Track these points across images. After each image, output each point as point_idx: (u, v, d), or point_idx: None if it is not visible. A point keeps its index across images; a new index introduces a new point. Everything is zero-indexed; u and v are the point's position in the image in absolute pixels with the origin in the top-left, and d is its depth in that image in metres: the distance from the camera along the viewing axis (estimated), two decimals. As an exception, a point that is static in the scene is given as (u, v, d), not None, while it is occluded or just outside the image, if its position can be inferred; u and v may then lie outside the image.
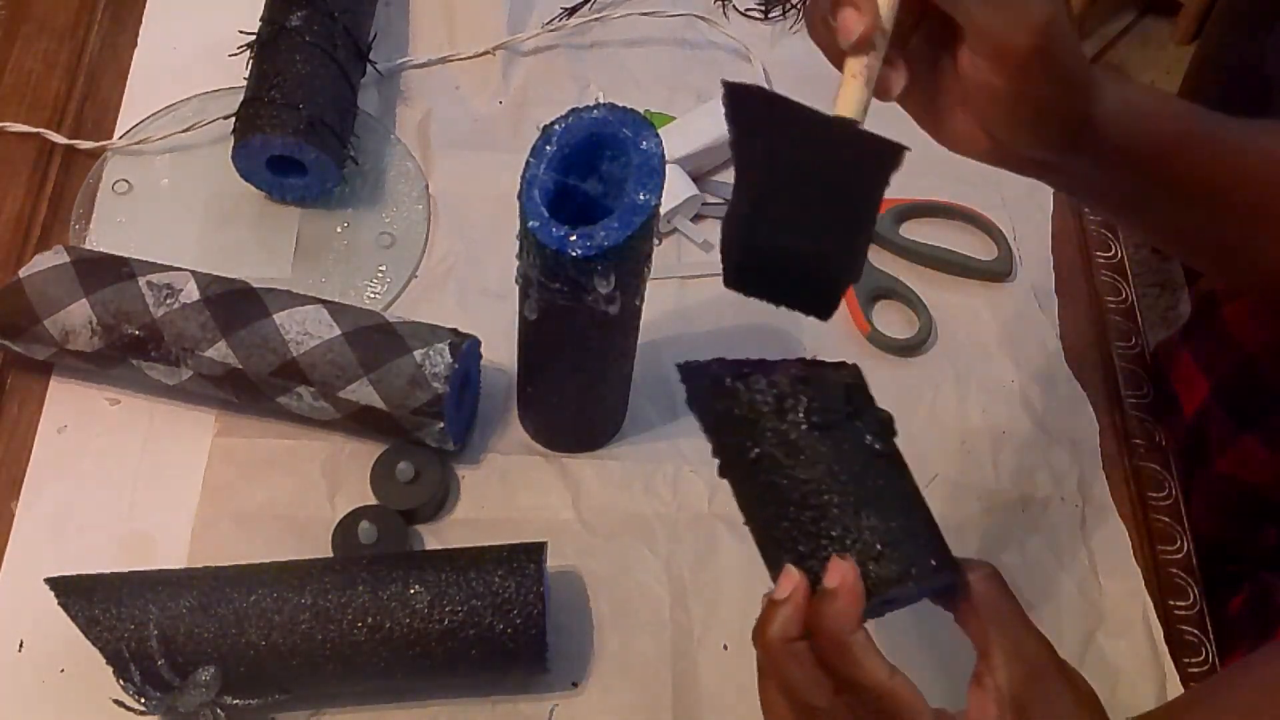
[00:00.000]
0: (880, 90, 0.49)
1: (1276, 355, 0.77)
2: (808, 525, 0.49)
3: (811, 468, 0.49)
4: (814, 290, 0.49)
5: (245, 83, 0.80)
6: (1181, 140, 0.55)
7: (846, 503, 0.49)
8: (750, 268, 0.48)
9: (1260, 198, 0.57)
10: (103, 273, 0.70)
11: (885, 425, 0.52)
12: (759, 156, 0.46)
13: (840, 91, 0.48)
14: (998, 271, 0.83)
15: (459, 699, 0.66)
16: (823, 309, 0.50)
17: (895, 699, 0.47)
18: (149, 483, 0.71)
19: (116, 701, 0.61)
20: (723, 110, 0.47)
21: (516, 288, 0.63)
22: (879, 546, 0.48)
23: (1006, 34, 0.47)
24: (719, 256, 0.78)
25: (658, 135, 0.59)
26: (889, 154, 0.45)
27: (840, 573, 0.47)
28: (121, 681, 0.61)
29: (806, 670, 0.48)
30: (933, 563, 0.49)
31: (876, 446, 0.50)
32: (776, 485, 0.50)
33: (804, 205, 0.46)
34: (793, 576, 0.49)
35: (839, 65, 0.49)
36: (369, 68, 0.85)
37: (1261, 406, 0.78)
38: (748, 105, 0.45)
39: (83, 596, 0.61)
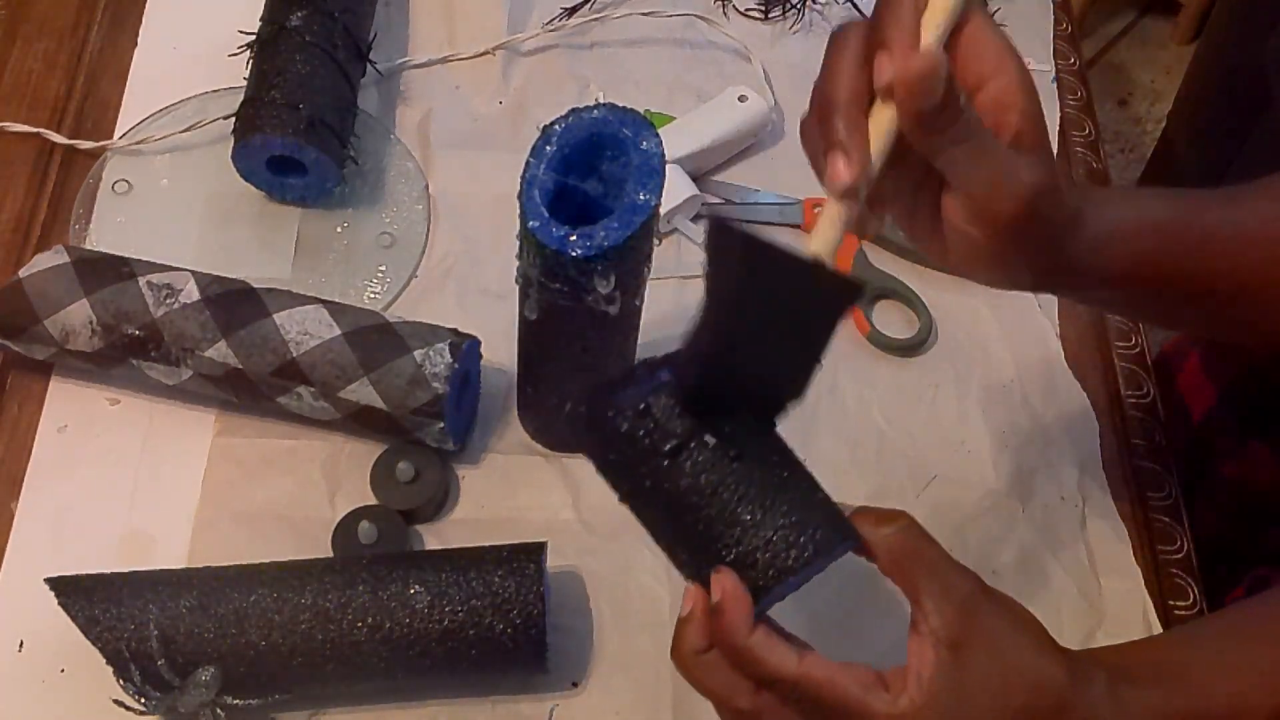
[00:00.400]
0: (857, 230, 0.49)
1: None
2: (697, 541, 0.50)
3: (682, 489, 0.49)
4: (760, 406, 0.51)
5: (245, 83, 0.80)
6: (1164, 250, 0.54)
7: (722, 510, 0.49)
8: (706, 394, 0.49)
9: (1257, 276, 0.55)
10: (103, 273, 0.70)
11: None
12: (730, 294, 0.46)
13: (816, 230, 0.48)
14: (998, 271, 0.83)
15: (459, 699, 0.66)
16: (767, 421, 0.51)
17: (808, 683, 0.47)
18: (149, 483, 0.71)
19: (116, 701, 0.61)
20: (726, 108, 0.48)
21: (516, 288, 0.63)
22: (767, 540, 0.48)
23: (992, 200, 0.47)
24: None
25: (658, 135, 0.59)
26: (851, 292, 0.46)
27: (720, 587, 0.48)
28: (121, 681, 0.61)
29: (721, 678, 0.48)
30: (824, 535, 0.49)
31: (730, 453, 0.49)
32: (662, 514, 0.51)
33: (765, 339, 0.47)
34: (690, 595, 0.49)
35: (820, 178, 0.48)
36: (369, 68, 0.86)
37: (1271, 414, 0.77)
38: (727, 244, 0.45)
39: (83, 596, 0.61)
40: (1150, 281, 0.54)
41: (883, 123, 0.46)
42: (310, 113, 0.77)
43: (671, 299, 0.80)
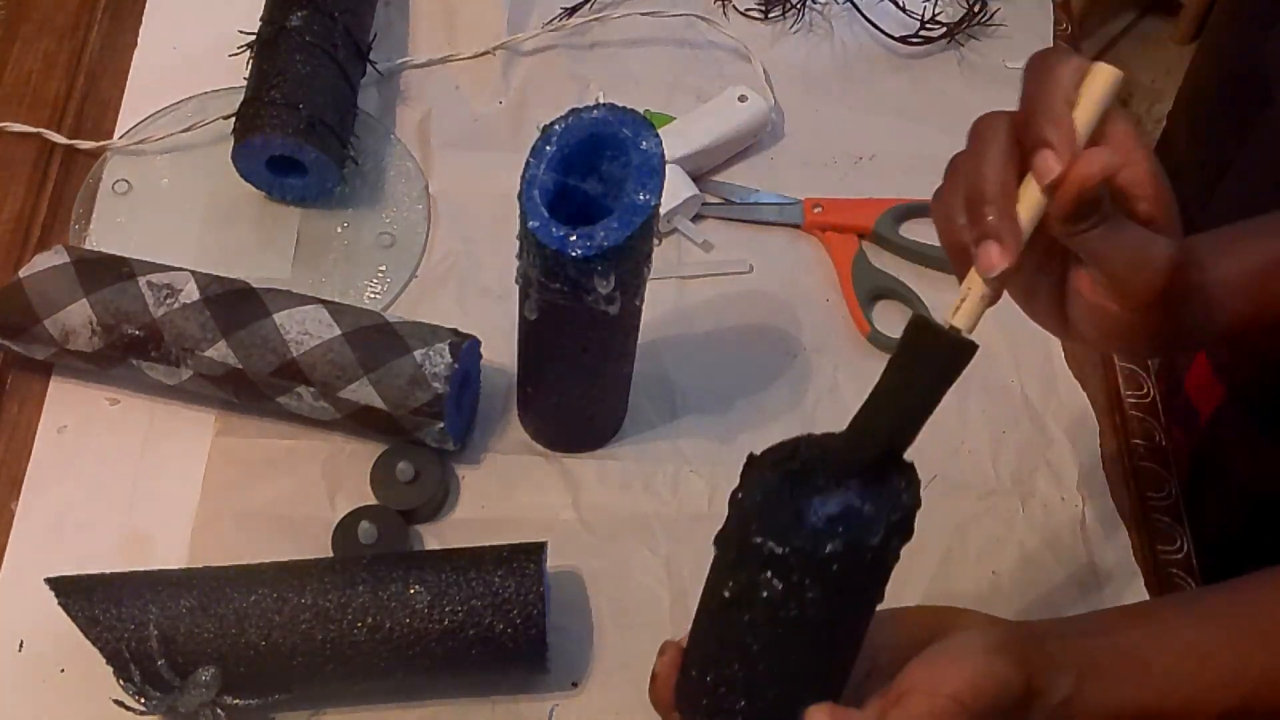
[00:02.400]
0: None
1: None
2: (720, 677, 0.51)
3: (810, 625, 0.49)
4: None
5: (245, 83, 0.80)
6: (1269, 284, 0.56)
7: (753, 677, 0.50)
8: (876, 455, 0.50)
9: None
10: (103, 273, 0.70)
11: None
12: (923, 389, 0.50)
13: (963, 308, 0.49)
14: (998, 271, 0.83)
15: (459, 699, 0.66)
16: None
17: None
18: (149, 483, 0.71)
19: (116, 701, 0.61)
20: (726, 108, 0.49)
21: (516, 288, 0.63)
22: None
23: (1133, 277, 0.49)
24: (720, 258, 0.79)
25: (658, 135, 0.59)
26: (968, 354, 0.49)
27: (660, 663, 0.53)
28: (121, 681, 0.61)
29: None
30: None
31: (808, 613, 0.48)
32: (723, 632, 0.51)
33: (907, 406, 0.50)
34: (661, 663, 0.54)
35: (951, 255, 0.51)
36: (369, 68, 0.85)
37: None
38: (930, 344, 0.49)
39: (83, 596, 0.61)
40: (1269, 321, 0.56)
41: (1030, 209, 0.48)
42: (310, 113, 0.77)
43: (671, 299, 0.80)
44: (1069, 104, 0.47)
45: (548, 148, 0.59)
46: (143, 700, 0.61)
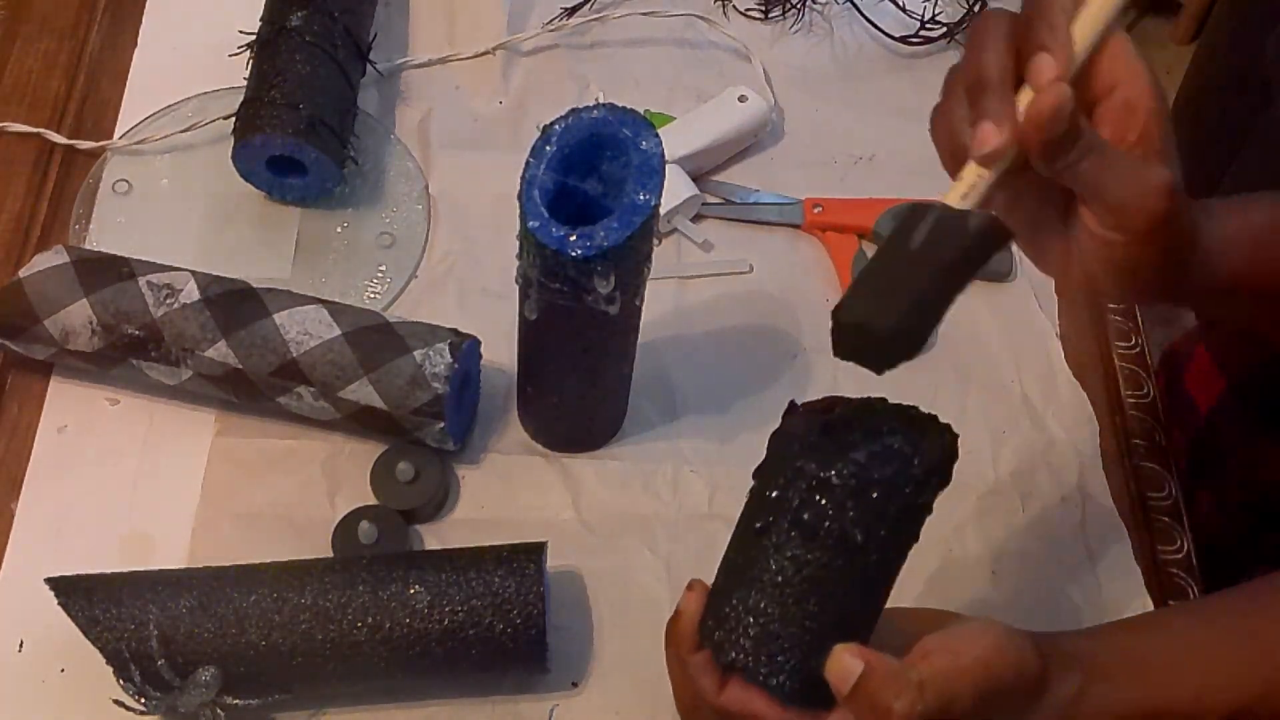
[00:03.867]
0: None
1: None
2: (751, 608, 0.52)
3: (790, 562, 0.51)
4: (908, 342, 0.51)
5: (245, 83, 0.80)
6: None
7: (818, 602, 0.51)
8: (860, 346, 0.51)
9: None
10: (103, 273, 0.70)
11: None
12: (899, 239, 0.50)
13: (952, 187, 0.50)
14: (998, 271, 0.83)
15: (459, 699, 0.66)
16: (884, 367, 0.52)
17: (729, 711, 0.51)
18: (149, 483, 0.71)
19: (116, 701, 0.61)
20: (726, 108, 0.49)
21: (516, 288, 0.63)
22: (781, 653, 0.51)
23: (1131, 202, 0.49)
24: (720, 258, 0.79)
25: (658, 135, 0.59)
26: (1002, 235, 0.50)
27: (686, 598, 0.54)
28: (121, 681, 0.61)
29: (678, 675, 0.55)
30: (797, 688, 0.51)
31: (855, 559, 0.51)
32: (754, 552, 0.52)
33: (919, 282, 0.49)
34: (688, 598, 0.55)
35: (953, 169, 0.50)
36: (369, 68, 0.85)
37: None
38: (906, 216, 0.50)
39: (83, 596, 0.61)
40: (1269, 281, 0.55)
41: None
42: (310, 113, 0.77)
43: (671, 299, 0.80)
44: (1066, 14, 0.47)
45: (548, 148, 0.59)
46: (143, 700, 0.61)
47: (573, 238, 0.57)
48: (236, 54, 0.82)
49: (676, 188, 0.82)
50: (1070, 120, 0.46)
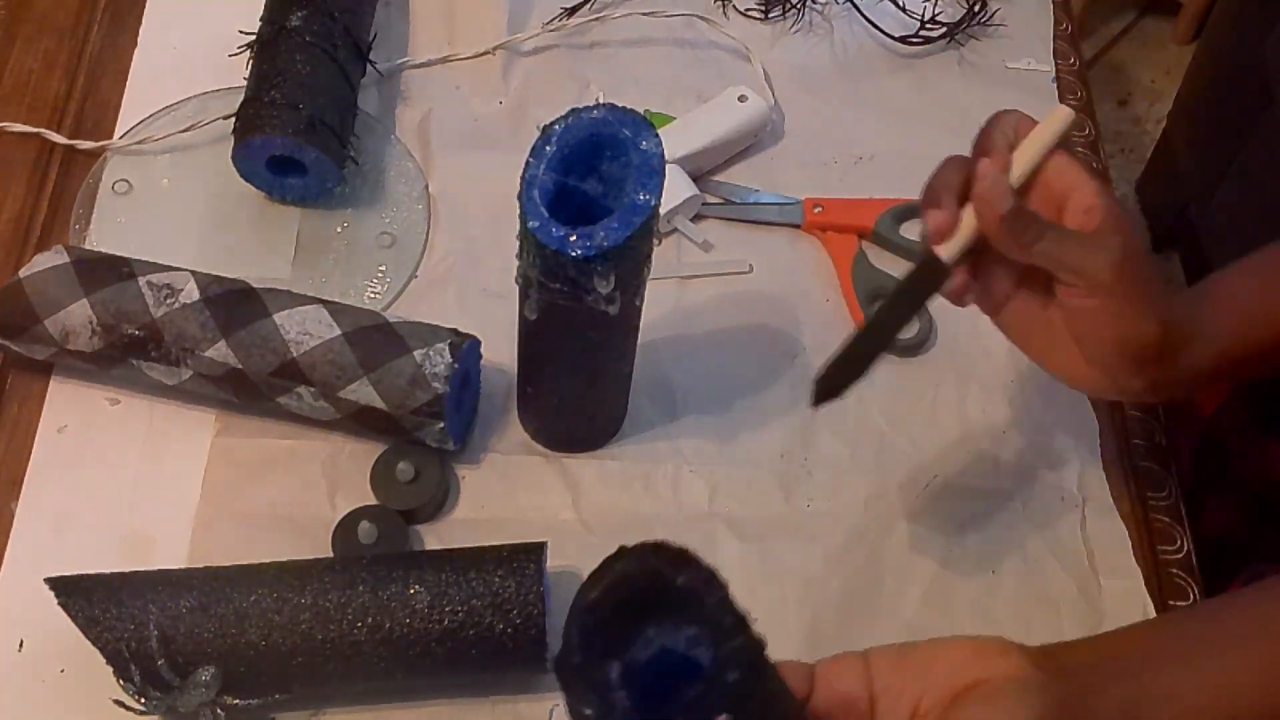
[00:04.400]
0: (954, 298, 0.61)
1: None
2: None
3: None
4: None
5: (245, 83, 0.80)
6: (1266, 287, 0.62)
7: None
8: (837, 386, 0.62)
9: None
10: (103, 273, 0.70)
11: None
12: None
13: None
14: (998, 271, 0.83)
15: (459, 699, 0.66)
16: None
17: None
18: (149, 483, 0.71)
19: (116, 701, 0.61)
20: (726, 108, 0.51)
21: (516, 288, 0.63)
22: None
23: (1094, 263, 0.56)
24: (720, 258, 0.79)
25: (658, 135, 0.59)
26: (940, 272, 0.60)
27: None
28: (121, 681, 0.61)
29: None
30: None
31: None
32: None
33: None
34: None
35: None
36: (369, 68, 0.86)
37: None
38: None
39: (83, 596, 0.61)
40: (1261, 327, 0.61)
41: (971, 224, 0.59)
42: (310, 113, 0.77)
43: (671, 299, 0.80)
44: (1006, 138, 0.58)
45: (548, 148, 0.59)
46: (143, 700, 0.61)
47: (573, 238, 0.57)
48: (236, 54, 0.82)
49: (676, 188, 0.82)
50: (1016, 207, 0.56)
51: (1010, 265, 0.60)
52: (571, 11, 0.92)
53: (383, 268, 0.80)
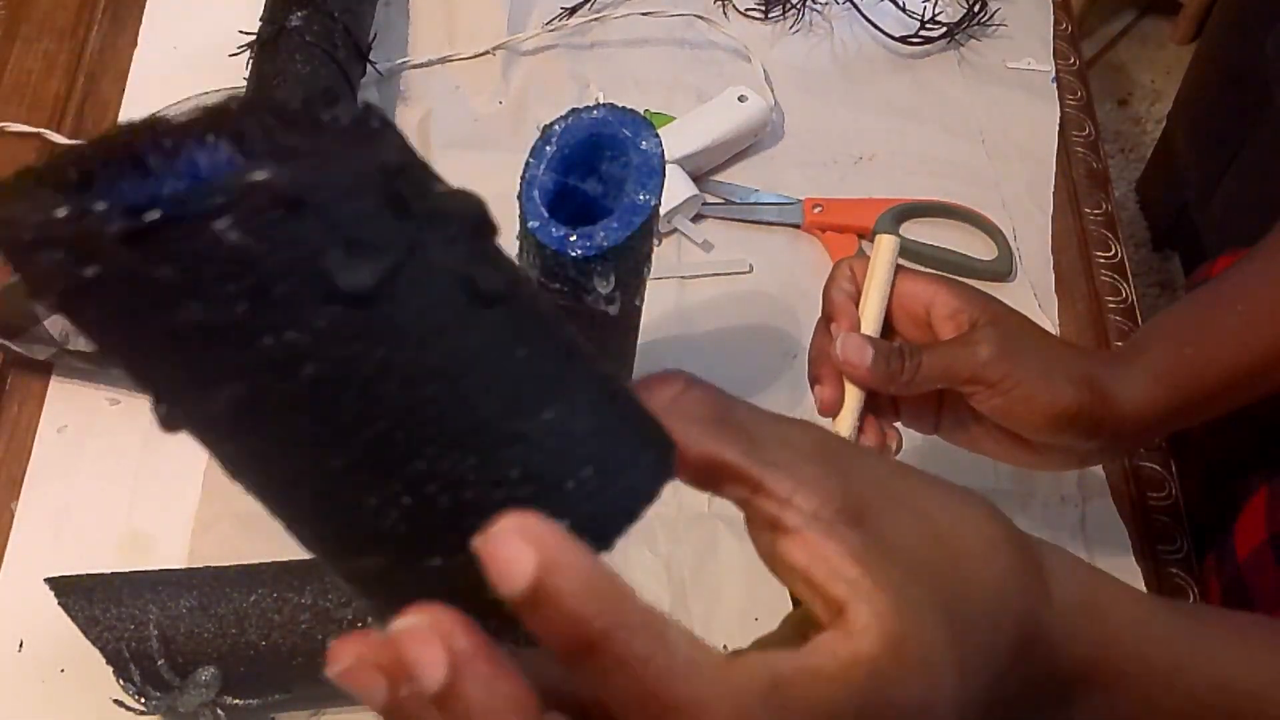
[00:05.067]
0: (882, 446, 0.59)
1: None
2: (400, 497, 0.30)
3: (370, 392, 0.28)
4: None
5: (245, 83, 0.80)
6: (1201, 326, 0.61)
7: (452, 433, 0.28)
8: None
9: None
10: (103, 273, 0.70)
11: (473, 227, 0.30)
12: None
13: (837, 422, 0.58)
14: (998, 271, 0.83)
15: (459, 699, 0.66)
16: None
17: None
18: (149, 483, 0.71)
19: (116, 701, 0.61)
20: (726, 108, 0.49)
21: (516, 288, 0.63)
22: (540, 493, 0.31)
23: (967, 360, 0.56)
24: (720, 258, 0.79)
25: (658, 135, 0.59)
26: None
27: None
28: (121, 681, 0.61)
29: None
30: (635, 462, 0.34)
31: (464, 297, 0.28)
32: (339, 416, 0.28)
33: None
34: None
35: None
36: (369, 68, 0.85)
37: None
38: None
39: (83, 596, 0.61)
40: (1200, 367, 0.60)
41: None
42: (310, 113, 0.76)
43: (671, 299, 0.80)
44: (843, 291, 0.58)
45: (547, 148, 0.59)
46: (143, 700, 0.61)
47: (572, 238, 0.57)
48: (236, 54, 0.82)
49: (676, 188, 0.82)
50: (878, 355, 0.56)
51: (919, 396, 0.59)
52: (571, 11, 0.92)
53: (383, 268, 0.80)
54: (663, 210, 0.77)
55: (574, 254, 0.57)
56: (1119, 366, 0.59)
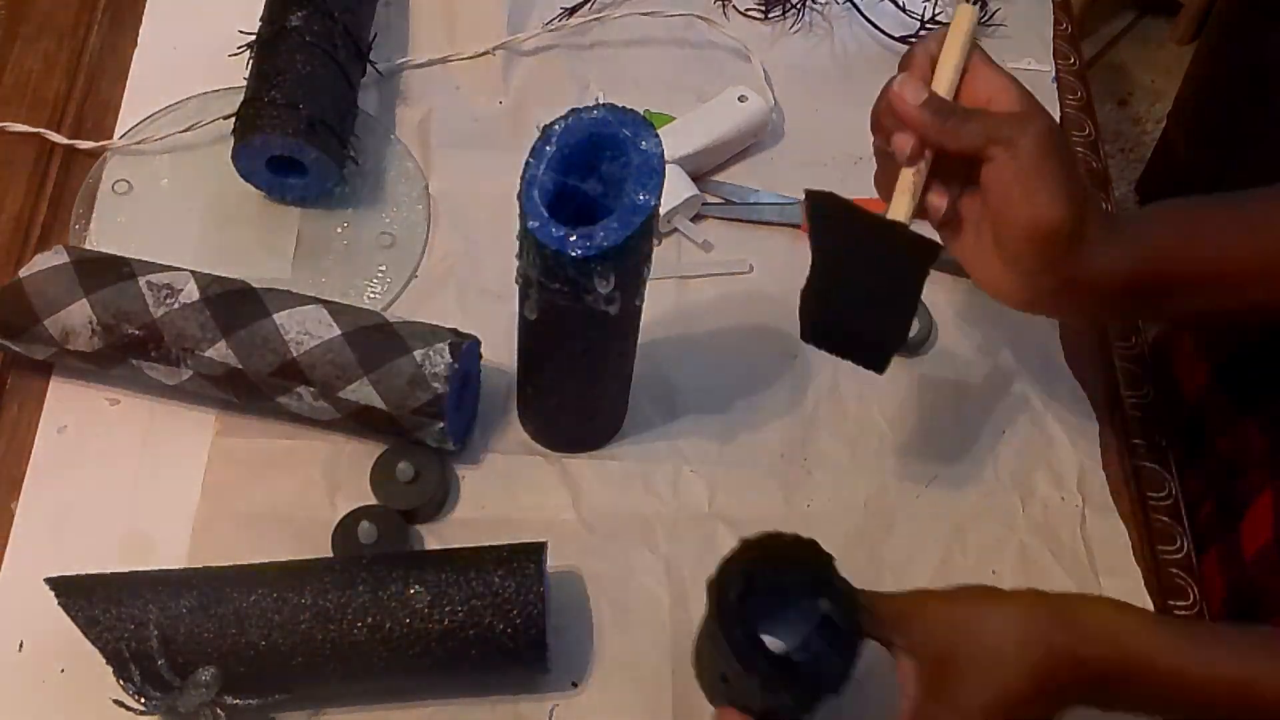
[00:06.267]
0: (930, 214, 0.62)
1: (1278, 340, 0.76)
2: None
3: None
4: (868, 349, 0.62)
5: (245, 83, 0.80)
6: (1176, 231, 0.63)
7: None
8: (821, 328, 0.62)
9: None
10: (103, 273, 0.70)
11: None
12: (829, 246, 0.61)
13: (893, 202, 0.61)
14: (998, 271, 0.83)
15: (459, 699, 0.66)
16: (876, 366, 0.62)
17: None
18: (149, 483, 0.71)
19: (116, 701, 0.61)
20: (726, 108, 0.51)
21: (516, 288, 0.63)
22: None
23: (1011, 124, 0.59)
24: (721, 258, 0.79)
25: (657, 135, 0.59)
26: (928, 250, 0.60)
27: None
28: (121, 681, 0.61)
29: None
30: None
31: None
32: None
33: (863, 286, 0.61)
34: None
35: (894, 182, 0.62)
36: (369, 68, 0.85)
37: (1261, 392, 0.78)
38: (824, 208, 0.60)
39: (83, 596, 0.61)
40: (1177, 262, 0.62)
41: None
42: (310, 113, 0.77)
43: (671, 299, 0.80)
44: (927, 53, 0.62)
45: (547, 148, 0.59)
46: (143, 700, 0.61)
47: (572, 238, 0.57)
48: (236, 54, 0.82)
49: (676, 188, 0.82)
50: (933, 95, 0.60)
51: (947, 181, 0.62)
52: (571, 11, 0.92)
53: (383, 268, 0.80)
54: (663, 210, 0.77)
55: (574, 254, 0.57)
56: (1110, 221, 0.61)
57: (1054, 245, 0.59)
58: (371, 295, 0.78)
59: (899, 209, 0.60)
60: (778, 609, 0.57)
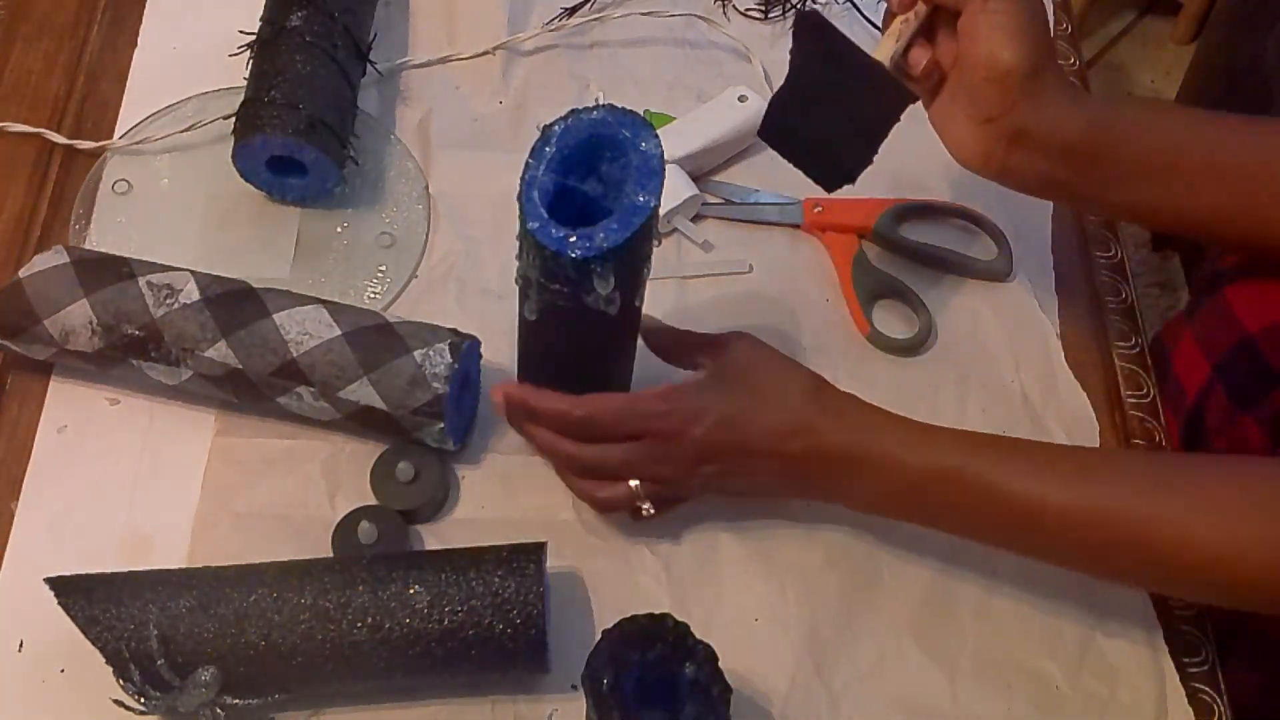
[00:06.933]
0: (912, 65, 0.65)
1: (1277, 338, 0.76)
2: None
3: None
4: (821, 166, 0.67)
5: (245, 83, 0.80)
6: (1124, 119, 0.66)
7: None
8: (783, 129, 0.66)
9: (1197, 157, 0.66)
10: (103, 273, 0.70)
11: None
12: (809, 63, 0.64)
13: (880, 44, 0.65)
14: (998, 271, 0.83)
15: (459, 699, 0.66)
16: (825, 183, 0.68)
17: (599, 412, 0.65)
18: (149, 483, 0.71)
19: (116, 701, 0.61)
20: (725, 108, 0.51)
21: (516, 288, 0.63)
22: None
23: (979, 55, 0.62)
24: (720, 258, 0.79)
25: (657, 136, 0.59)
26: (900, 94, 0.64)
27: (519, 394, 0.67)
28: (121, 681, 0.61)
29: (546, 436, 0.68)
30: None
31: None
32: None
33: (832, 105, 0.65)
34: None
35: (886, 28, 0.66)
36: (369, 68, 0.86)
37: (1260, 389, 0.78)
38: (813, 27, 0.64)
39: (83, 596, 0.61)
40: (1097, 148, 0.65)
41: None
42: (310, 113, 0.77)
43: (671, 299, 0.80)
44: None
45: (547, 149, 0.59)
46: (143, 700, 0.61)
47: (572, 238, 0.57)
48: (236, 54, 0.82)
49: (676, 188, 0.82)
50: None
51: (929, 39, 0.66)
52: (571, 11, 0.92)
53: (383, 268, 0.80)
54: (663, 210, 0.77)
55: (574, 254, 0.57)
56: (1073, 87, 0.65)
57: (1010, 84, 0.62)
58: (371, 295, 0.78)
59: (883, 51, 0.64)
60: (651, 687, 0.59)
